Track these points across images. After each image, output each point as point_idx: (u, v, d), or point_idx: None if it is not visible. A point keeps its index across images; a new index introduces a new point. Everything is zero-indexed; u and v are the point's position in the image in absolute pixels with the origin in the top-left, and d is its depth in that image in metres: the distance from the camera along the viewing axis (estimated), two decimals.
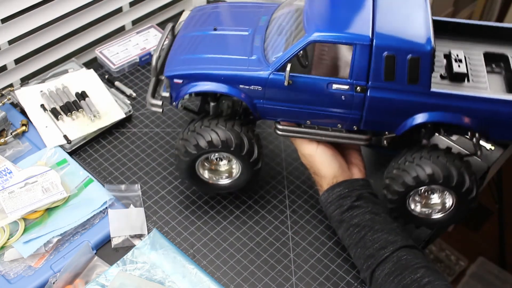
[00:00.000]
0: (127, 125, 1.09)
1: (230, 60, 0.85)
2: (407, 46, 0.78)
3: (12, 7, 1.06)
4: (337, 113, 0.85)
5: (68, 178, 0.96)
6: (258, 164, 0.90)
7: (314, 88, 0.82)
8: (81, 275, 0.85)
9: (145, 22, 1.34)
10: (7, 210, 0.89)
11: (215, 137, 0.85)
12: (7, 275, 0.84)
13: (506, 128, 0.83)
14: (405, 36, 0.79)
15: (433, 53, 0.78)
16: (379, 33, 0.78)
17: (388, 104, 0.82)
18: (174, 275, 0.85)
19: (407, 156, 0.84)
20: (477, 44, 0.91)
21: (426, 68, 0.78)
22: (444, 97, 0.80)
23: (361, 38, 0.78)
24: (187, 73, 0.86)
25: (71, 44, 1.21)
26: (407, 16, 0.82)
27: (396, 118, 0.84)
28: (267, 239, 0.93)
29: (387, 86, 0.80)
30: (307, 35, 0.80)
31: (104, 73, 1.18)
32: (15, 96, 1.08)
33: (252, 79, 0.83)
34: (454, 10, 2.56)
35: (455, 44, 0.91)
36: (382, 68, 0.79)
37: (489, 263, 1.92)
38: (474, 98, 0.80)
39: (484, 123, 0.82)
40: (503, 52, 0.89)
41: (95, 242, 0.89)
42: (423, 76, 0.78)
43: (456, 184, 0.82)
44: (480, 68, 0.87)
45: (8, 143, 1.02)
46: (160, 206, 0.96)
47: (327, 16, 0.83)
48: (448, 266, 1.94)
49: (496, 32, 0.91)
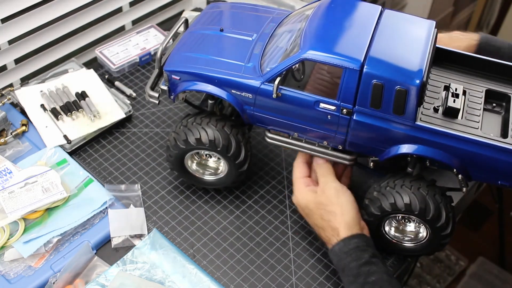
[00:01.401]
0: (127, 125, 1.09)
1: (227, 64, 0.86)
2: (396, 77, 0.77)
3: (12, 7, 1.06)
4: (323, 131, 0.85)
5: (68, 178, 0.96)
6: (244, 166, 0.91)
7: (302, 104, 0.83)
8: (81, 275, 0.85)
9: (145, 22, 1.34)
10: (7, 210, 0.89)
11: (204, 135, 0.87)
12: (7, 275, 0.84)
13: (487, 172, 0.81)
14: (397, 66, 0.78)
15: (422, 88, 0.76)
16: (371, 60, 0.78)
17: (372, 130, 0.81)
18: (174, 275, 0.85)
19: (390, 181, 0.84)
20: (483, 79, 0.89)
21: (413, 101, 0.77)
22: (428, 132, 0.79)
23: (351, 62, 0.77)
24: (184, 70, 0.88)
25: (71, 44, 1.21)
26: (406, 45, 0.81)
27: (379, 145, 0.83)
28: (267, 239, 0.93)
29: (372, 113, 0.80)
30: (301, 52, 0.80)
31: (104, 73, 1.18)
32: (15, 96, 1.08)
33: (244, 86, 0.84)
34: (454, 10, 2.57)
35: (459, 76, 0.90)
36: (369, 94, 0.78)
37: (489, 263, 1.92)
38: (456, 137, 0.79)
39: (465, 163, 0.80)
40: (507, 92, 0.87)
41: (95, 242, 0.89)
42: (409, 109, 0.78)
43: (432, 218, 0.81)
44: (478, 105, 0.85)
45: (8, 143, 1.02)
46: (160, 206, 0.96)
47: (325, 36, 0.82)
48: (448, 266, 1.94)
49: (503, 70, 0.88)
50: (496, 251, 1.94)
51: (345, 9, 0.86)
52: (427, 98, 0.85)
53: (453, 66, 0.90)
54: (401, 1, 2.21)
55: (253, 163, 1.03)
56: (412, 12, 0.87)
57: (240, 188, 0.99)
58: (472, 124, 0.82)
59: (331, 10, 0.86)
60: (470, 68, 0.90)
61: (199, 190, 0.99)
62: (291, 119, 0.86)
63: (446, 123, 0.82)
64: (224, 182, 0.95)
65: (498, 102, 0.87)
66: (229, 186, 0.97)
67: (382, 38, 0.81)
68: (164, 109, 1.12)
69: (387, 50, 0.80)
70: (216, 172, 0.95)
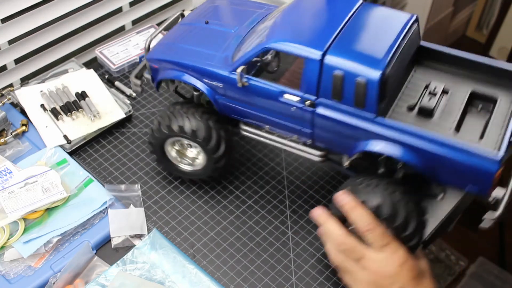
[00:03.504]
0: (127, 125, 1.09)
1: (202, 54, 0.87)
2: (356, 68, 0.74)
3: (12, 7, 1.06)
4: (289, 124, 0.83)
5: (68, 178, 0.96)
6: (220, 162, 0.92)
7: (268, 95, 0.81)
8: (81, 275, 0.85)
9: (145, 22, 1.34)
10: (7, 210, 0.89)
11: (187, 124, 0.88)
12: (7, 275, 0.84)
13: (454, 176, 0.76)
14: (359, 58, 0.75)
15: (384, 80, 0.73)
16: (334, 50, 0.75)
17: (335, 123, 0.78)
18: (174, 275, 0.85)
19: (366, 179, 0.80)
20: (471, 80, 0.84)
21: (373, 94, 0.73)
22: (390, 128, 0.75)
23: (312, 53, 0.75)
24: (161, 58, 0.90)
25: (71, 44, 1.21)
26: (375, 38, 0.78)
27: (344, 140, 0.80)
28: (267, 239, 0.93)
29: (334, 105, 0.77)
30: (264, 42, 0.80)
31: (104, 73, 1.18)
32: (15, 96, 1.08)
33: (214, 75, 0.85)
34: (454, 10, 2.57)
35: (446, 76, 0.86)
36: (331, 86, 0.76)
37: (489, 263, 1.92)
38: (419, 136, 0.74)
39: (431, 165, 0.75)
40: (494, 95, 0.82)
41: (95, 242, 0.89)
42: (370, 102, 0.74)
43: (398, 226, 0.78)
44: (458, 106, 0.81)
45: (8, 143, 1.02)
46: (160, 206, 0.96)
47: (292, 26, 0.81)
48: (448, 266, 1.94)
49: (492, 71, 0.83)
50: (496, 251, 1.94)
51: (323, 1, 0.86)
52: (406, 97, 0.83)
53: (441, 66, 0.87)
54: (401, 1, 2.21)
55: (253, 163, 1.03)
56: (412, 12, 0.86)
57: (240, 188, 0.99)
58: (446, 125, 0.79)
59: (308, 2, 0.86)
60: (458, 68, 0.86)
61: (199, 191, 0.99)
62: (259, 110, 0.85)
63: (417, 122, 0.80)
64: (199, 175, 0.96)
65: (485, 104, 0.83)
66: (204, 179, 0.97)
67: (352, 30, 0.79)
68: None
69: (354, 42, 0.78)
70: (193, 163, 0.96)
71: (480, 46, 2.76)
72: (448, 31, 2.66)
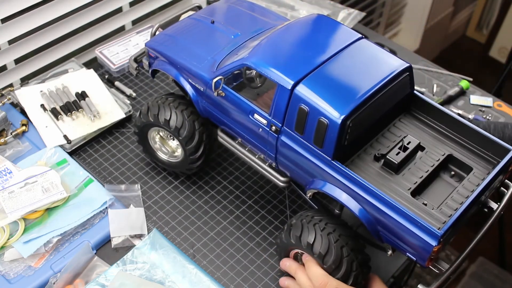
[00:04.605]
0: (127, 125, 1.09)
1: (195, 54, 0.88)
2: (322, 106, 0.72)
3: (12, 7, 1.06)
4: (256, 142, 0.83)
5: (68, 178, 0.96)
6: (196, 163, 0.93)
7: (241, 109, 0.82)
8: (81, 275, 0.85)
9: (145, 22, 1.34)
10: (7, 210, 0.89)
11: (174, 119, 0.89)
12: (7, 275, 0.84)
13: (395, 238, 0.73)
14: (329, 96, 0.72)
15: (346, 125, 0.71)
16: (307, 83, 0.74)
17: (295, 155, 0.78)
18: (174, 275, 0.85)
19: (314, 216, 0.79)
20: (455, 141, 0.80)
21: (333, 136, 0.72)
22: (343, 175, 0.73)
23: (284, 80, 0.74)
24: (157, 49, 0.92)
25: (71, 44, 1.21)
26: (357, 79, 0.75)
27: (303, 173, 0.79)
28: (267, 239, 0.93)
29: (296, 137, 0.76)
30: (245, 58, 0.79)
31: (104, 73, 1.18)
32: (15, 96, 1.08)
33: (198, 77, 0.86)
34: (454, 10, 2.57)
35: (431, 132, 0.82)
36: (295, 118, 0.75)
37: (489, 263, 1.92)
38: (369, 191, 0.71)
39: (376, 222, 0.73)
40: (470, 164, 0.78)
41: (95, 242, 0.89)
42: (328, 144, 0.73)
43: (330, 265, 0.76)
44: (427, 168, 0.77)
45: (8, 143, 1.02)
46: (160, 206, 0.96)
47: (277, 49, 0.80)
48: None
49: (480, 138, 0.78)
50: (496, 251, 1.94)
51: (321, 29, 0.83)
52: (379, 145, 0.80)
53: (429, 120, 0.83)
54: (401, 1, 2.21)
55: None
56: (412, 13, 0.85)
57: (240, 188, 0.99)
58: (407, 185, 0.75)
59: (306, 26, 0.84)
60: (445, 125, 0.82)
61: (199, 191, 0.99)
62: (232, 122, 0.85)
63: (379, 174, 0.77)
64: (173, 167, 0.97)
65: (459, 172, 0.78)
66: (178, 172, 0.99)
67: (336, 65, 0.76)
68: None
69: (332, 78, 0.75)
70: (172, 154, 0.97)
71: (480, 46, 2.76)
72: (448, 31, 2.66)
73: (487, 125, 0.91)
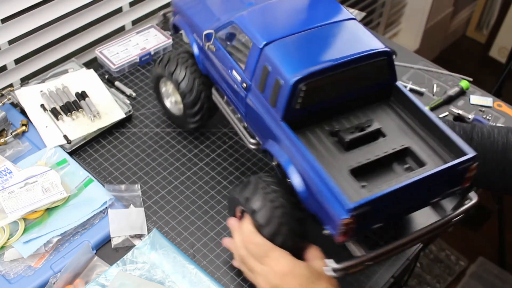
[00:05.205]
0: (127, 125, 1.09)
1: (208, 14, 0.92)
2: (282, 68, 0.74)
3: (12, 7, 1.06)
4: (234, 100, 0.87)
5: (68, 178, 0.96)
6: (192, 119, 1.00)
7: (224, 65, 0.86)
8: (81, 275, 0.85)
9: (145, 22, 1.34)
10: (7, 210, 0.89)
11: (177, 73, 0.96)
12: (7, 275, 0.84)
13: (319, 210, 0.72)
14: (291, 60, 0.75)
15: (296, 88, 0.72)
16: (275, 45, 0.76)
17: (255, 113, 0.80)
18: (174, 275, 0.85)
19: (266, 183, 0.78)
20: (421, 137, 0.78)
21: (284, 96, 0.73)
22: (286, 136, 0.74)
23: (258, 39, 0.78)
24: (179, 6, 0.98)
25: (71, 44, 1.21)
26: (326, 51, 0.76)
27: (262, 132, 0.81)
28: None
29: (258, 94, 0.79)
30: (234, 18, 0.83)
31: (104, 73, 1.18)
32: (15, 96, 1.08)
33: (199, 32, 0.90)
34: (454, 10, 2.57)
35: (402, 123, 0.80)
36: (260, 76, 0.77)
37: (489, 263, 1.92)
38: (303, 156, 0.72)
39: (305, 190, 0.73)
40: (425, 160, 0.75)
41: (95, 242, 0.89)
42: (280, 103, 0.74)
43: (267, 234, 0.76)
44: (379, 153, 0.76)
45: (8, 143, 1.02)
46: (160, 206, 0.96)
47: (266, 15, 0.83)
48: (448, 266, 1.94)
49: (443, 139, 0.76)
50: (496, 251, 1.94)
51: (317, 4, 0.85)
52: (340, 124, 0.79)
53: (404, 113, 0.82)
54: (401, 1, 2.21)
55: (254, 163, 1.03)
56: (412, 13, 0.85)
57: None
58: (349, 164, 0.74)
59: (304, 0, 0.86)
60: (416, 121, 0.80)
61: (199, 191, 0.99)
62: (219, 78, 0.89)
63: (329, 148, 0.77)
64: (174, 119, 1.06)
65: (413, 165, 0.77)
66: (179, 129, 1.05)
67: (313, 36, 0.78)
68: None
69: (303, 46, 0.77)
70: (176, 105, 1.03)
71: (480, 46, 2.77)
72: (448, 31, 2.66)
73: (491, 129, 0.91)
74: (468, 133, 0.91)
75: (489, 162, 0.89)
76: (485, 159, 0.89)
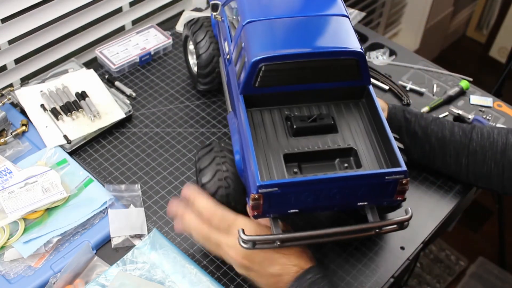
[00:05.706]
0: (127, 125, 1.09)
1: None
2: (252, 46, 0.77)
3: (12, 7, 1.06)
4: (225, 70, 0.91)
5: (68, 178, 0.96)
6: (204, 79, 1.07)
7: (223, 36, 0.92)
8: (81, 275, 0.85)
9: (145, 22, 1.34)
10: (7, 210, 0.89)
11: (199, 35, 1.04)
12: (7, 275, 0.84)
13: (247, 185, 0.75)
14: (262, 40, 0.78)
15: (256, 67, 0.76)
16: (255, 25, 0.80)
17: (230, 84, 0.86)
18: (174, 275, 0.85)
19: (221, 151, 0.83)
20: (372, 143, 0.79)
21: (246, 73, 0.77)
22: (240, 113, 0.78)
23: (244, 17, 0.81)
24: None
25: (71, 44, 1.21)
26: (300, 39, 0.78)
27: (231, 103, 0.87)
28: None
29: (233, 67, 0.83)
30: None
31: (104, 73, 1.18)
32: (15, 96, 1.08)
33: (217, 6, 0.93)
34: (454, 10, 2.57)
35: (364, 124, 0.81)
36: (236, 50, 0.82)
37: (489, 263, 1.92)
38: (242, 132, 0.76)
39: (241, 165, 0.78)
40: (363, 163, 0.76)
41: (95, 242, 0.89)
42: (242, 79, 0.79)
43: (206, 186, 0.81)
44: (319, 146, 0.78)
45: (8, 143, 1.02)
46: (160, 206, 0.96)
47: None
48: (448, 266, 1.94)
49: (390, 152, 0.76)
50: (496, 251, 1.95)
51: None
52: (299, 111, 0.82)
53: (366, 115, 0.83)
54: (401, 1, 2.21)
55: None
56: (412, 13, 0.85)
57: None
58: (287, 149, 0.77)
59: None
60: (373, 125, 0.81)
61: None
62: (220, 47, 0.96)
63: (274, 130, 0.80)
64: (193, 76, 1.12)
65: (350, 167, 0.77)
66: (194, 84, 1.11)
67: (295, 24, 0.81)
68: (164, 109, 1.12)
69: (280, 30, 0.80)
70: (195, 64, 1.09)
71: (480, 46, 2.77)
72: (448, 31, 2.66)
73: (491, 130, 0.91)
74: (468, 133, 0.91)
75: (489, 162, 0.89)
76: (484, 159, 0.89)
